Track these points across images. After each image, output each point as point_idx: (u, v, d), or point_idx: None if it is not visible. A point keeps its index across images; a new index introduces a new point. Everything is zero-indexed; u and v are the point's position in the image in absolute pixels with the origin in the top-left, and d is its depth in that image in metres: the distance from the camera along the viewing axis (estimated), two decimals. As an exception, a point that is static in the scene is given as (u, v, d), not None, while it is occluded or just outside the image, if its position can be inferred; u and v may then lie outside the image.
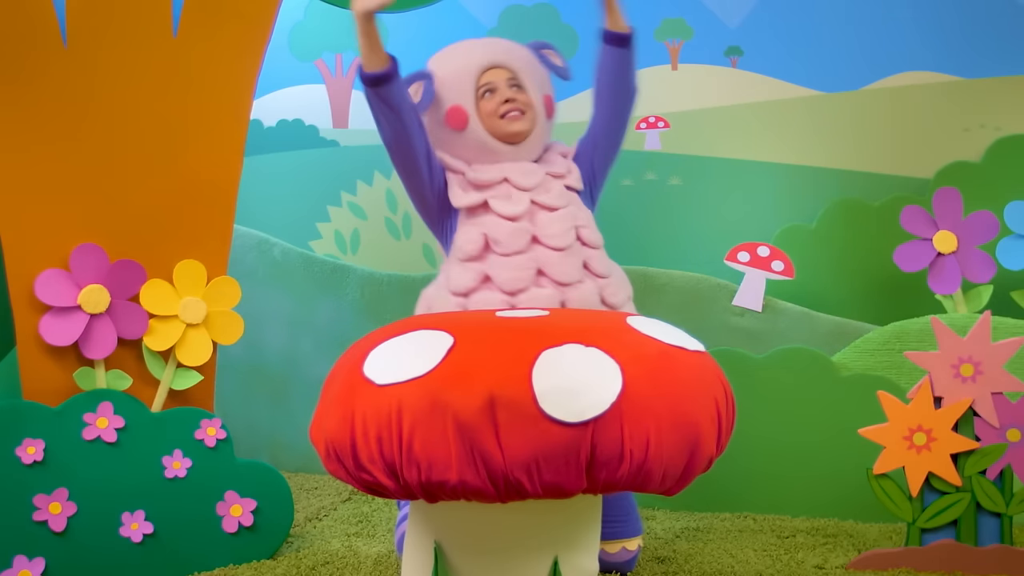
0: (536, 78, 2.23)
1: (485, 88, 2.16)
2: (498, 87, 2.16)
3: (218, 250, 2.35)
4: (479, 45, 2.27)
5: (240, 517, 2.25)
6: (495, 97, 2.16)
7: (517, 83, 2.18)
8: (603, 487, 1.51)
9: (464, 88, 2.16)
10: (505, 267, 2.05)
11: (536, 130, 2.19)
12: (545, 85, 2.25)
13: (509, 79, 2.17)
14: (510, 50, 2.24)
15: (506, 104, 2.15)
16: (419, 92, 2.18)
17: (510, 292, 2.04)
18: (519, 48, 2.27)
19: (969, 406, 2.11)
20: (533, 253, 2.06)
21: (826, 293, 3.03)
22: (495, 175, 2.14)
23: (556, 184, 2.15)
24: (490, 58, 2.19)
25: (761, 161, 3.19)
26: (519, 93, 2.17)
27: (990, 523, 2.13)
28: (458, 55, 2.23)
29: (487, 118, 2.15)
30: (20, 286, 2.18)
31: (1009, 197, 2.77)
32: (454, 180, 2.15)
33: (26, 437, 2.10)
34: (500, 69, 2.18)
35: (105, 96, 2.23)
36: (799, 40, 3.18)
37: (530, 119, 2.17)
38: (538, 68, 2.26)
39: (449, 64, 2.21)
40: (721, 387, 1.63)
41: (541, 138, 2.22)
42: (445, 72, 2.19)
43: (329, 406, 1.59)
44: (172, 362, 2.29)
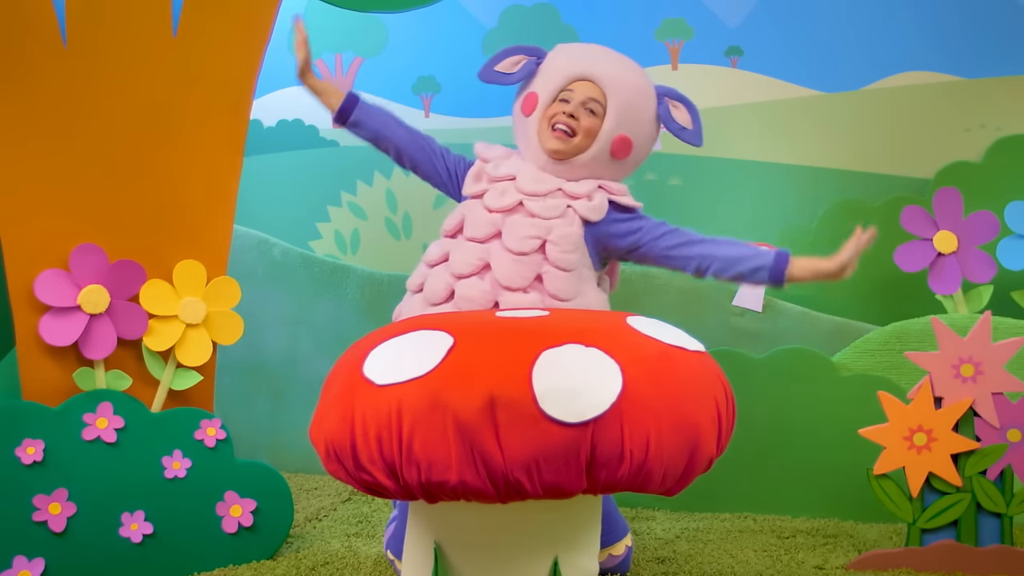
0: (626, 113, 2.11)
1: (565, 95, 2.13)
2: (573, 100, 2.11)
3: (218, 250, 2.34)
4: (597, 54, 2.19)
5: (240, 517, 2.24)
6: (563, 107, 2.11)
7: (597, 106, 2.10)
8: (603, 487, 1.51)
9: (550, 83, 2.15)
10: (462, 250, 2.06)
11: (581, 158, 2.11)
12: (634, 125, 2.13)
13: (589, 99, 2.10)
14: (621, 75, 2.14)
15: (563, 116, 2.10)
16: (518, 64, 2.18)
17: (456, 275, 2.05)
18: (638, 79, 2.16)
19: (969, 406, 2.11)
20: (488, 246, 2.05)
21: (826, 293, 3.03)
22: (507, 171, 2.13)
23: (559, 200, 2.08)
24: (591, 70, 2.13)
25: (761, 161, 3.19)
26: (588, 117, 2.10)
27: (990, 523, 2.13)
28: (575, 54, 2.19)
29: (544, 120, 2.13)
30: (20, 286, 2.18)
31: (1009, 197, 2.77)
32: (474, 169, 2.17)
33: (26, 437, 2.10)
34: (592, 85, 2.12)
35: (105, 96, 2.23)
36: (799, 40, 3.18)
37: (576, 145, 2.10)
38: (640, 106, 2.14)
39: (561, 57, 2.19)
40: (721, 387, 1.63)
41: (584, 168, 2.13)
42: (555, 60, 2.18)
43: (329, 406, 1.59)
44: (172, 362, 2.29)
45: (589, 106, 2.10)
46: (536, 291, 2.03)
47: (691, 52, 3.23)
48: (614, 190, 2.14)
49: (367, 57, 3.43)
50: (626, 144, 2.13)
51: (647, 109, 2.15)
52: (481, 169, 2.17)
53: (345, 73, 3.45)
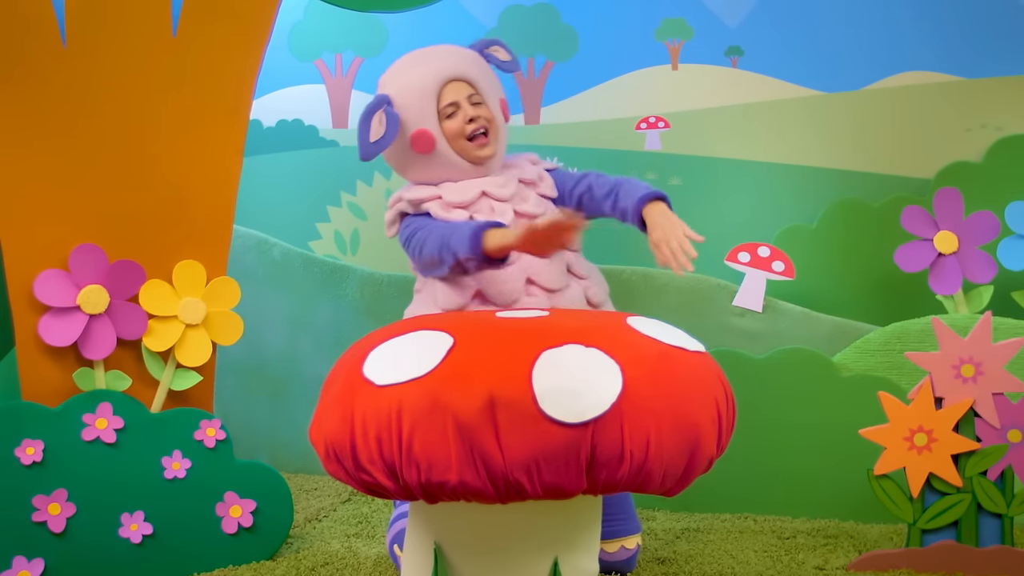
0: (491, 84, 2.22)
1: (448, 109, 2.14)
2: (460, 105, 2.14)
3: (217, 250, 2.34)
4: (432, 58, 2.20)
5: (240, 518, 2.24)
6: (458, 117, 2.14)
7: (476, 96, 2.17)
8: (603, 488, 1.51)
9: (426, 110, 2.14)
10: (496, 280, 2.06)
11: (499, 145, 2.20)
12: (496, 88, 2.24)
13: (469, 95, 2.16)
14: (463, 59, 2.20)
15: (471, 124, 2.13)
16: (382, 121, 2.11)
17: (503, 305, 2.07)
18: (469, 54, 2.24)
19: (970, 407, 2.11)
20: (521, 263, 2.06)
21: (826, 294, 3.02)
22: (473, 191, 2.14)
23: (531, 192, 2.17)
24: (447, 71, 2.15)
25: (761, 161, 3.18)
26: (481, 109, 2.16)
27: (991, 524, 2.12)
28: (413, 71, 2.17)
29: (453, 140, 2.15)
30: (19, 286, 2.18)
31: (1010, 197, 2.77)
32: (435, 206, 2.14)
33: (25, 438, 2.10)
34: (459, 83, 2.16)
35: (104, 96, 2.23)
36: (799, 40, 3.17)
37: (494, 138, 2.17)
38: (487, 71, 2.24)
39: (406, 83, 2.16)
40: (721, 388, 1.63)
41: (503, 150, 2.23)
42: (403, 93, 2.15)
43: (329, 406, 1.59)
44: (171, 363, 2.29)
45: (473, 100, 2.16)
46: (573, 280, 2.13)
47: (691, 52, 3.23)
48: (537, 159, 2.28)
49: (367, 57, 3.43)
50: (505, 105, 2.26)
51: (488, 68, 2.25)
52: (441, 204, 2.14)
53: (345, 73, 3.44)
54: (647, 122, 3.24)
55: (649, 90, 3.25)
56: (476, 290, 2.08)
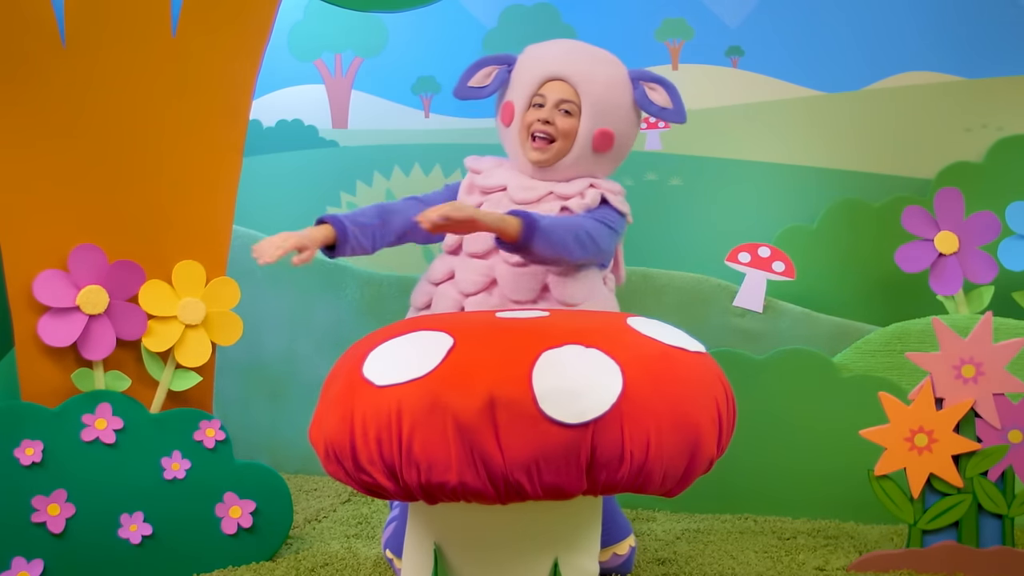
0: (602, 108, 2.10)
1: (539, 99, 2.12)
2: (546, 103, 2.11)
3: (217, 250, 2.34)
4: (564, 51, 2.17)
5: (239, 519, 2.24)
6: (538, 113, 2.11)
7: (571, 105, 2.10)
8: (603, 488, 1.51)
9: (523, 90, 2.14)
10: (467, 268, 2.06)
11: (565, 160, 2.11)
12: (612, 117, 2.11)
13: (561, 99, 2.10)
14: (592, 70, 2.12)
15: (539, 124, 2.10)
16: (490, 76, 2.17)
17: (464, 292, 2.06)
18: (610, 71, 2.14)
19: (970, 407, 2.11)
20: (491, 262, 2.05)
21: (827, 294, 3.02)
22: (497, 181, 2.14)
23: (552, 204, 2.08)
24: (560, 69, 2.11)
25: (762, 161, 3.18)
26: (564, 118, 2.09)
27: (991, 524, 2.12)
28: (540, 54, 2.18)
29: (523, 129, 2.13)
30: (18, 287, 2.17)
31: (1011, 198, 2.77)
32: (465, 182, 2.18)
33: (24, 438, 2.10)
34: (562, 83, 2.10)
35: (104, 96, 2.23)
36: (800, 40, 3.17)
37: (556, 150, 2.10)
38: (616, 97, 2.12)
39: (529, 60, 2.18)
40: (722, 388, 1.63)
41: (571, 168, 2.13)
42: (522, 66, 2.17)
43: (328, 407, 1.59)
44: (171, 363, 2.28)
45: (563, 107, 2.10)
46: (544, 301, 2.04)
47: (692, 52, 3.22)
48: (606, 187, 2.13)
49: (367, 57, 3.43)
50: (607, 137, 2.12)
51: (623, 97, 2.14)
52: (472, 181, 2.17)
53: (344, 73, 3.44)
54: (647, 122, 3.24)
55: (649, 90, 3.24)
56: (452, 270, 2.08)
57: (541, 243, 1.90)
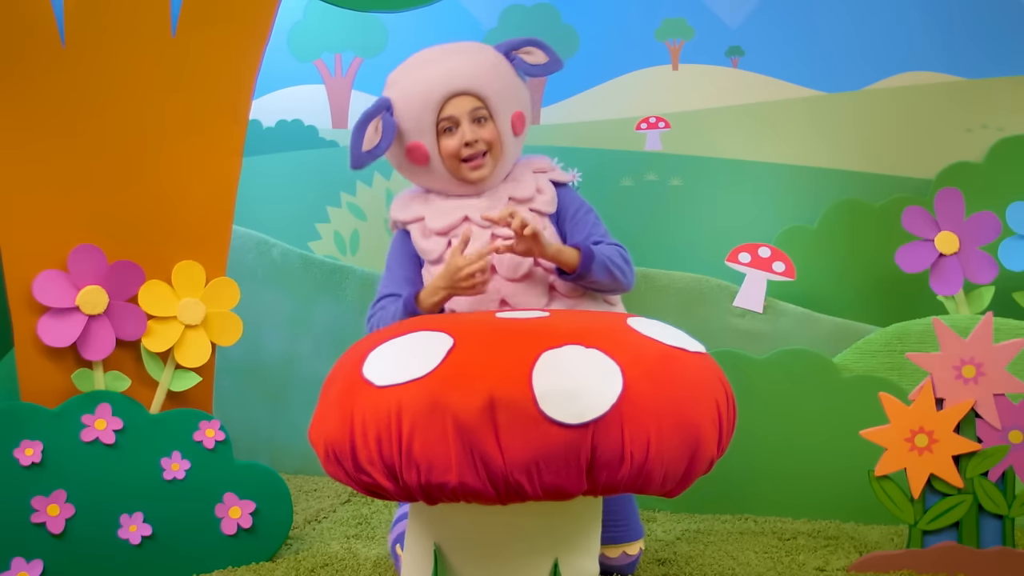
0: (506, 96, 2.10)
1: (446, 123, 2.06)
2: (460, 122, 2.06)
3: (217, 251, 2.34)
4: (440, 64, 2.09)
5: (239, 519, 2.24)
6: (455, 137, 2.06)
7: (481, 111, 2.07)
8: (603, 489, 1.51)
9: (424, 123, 2.06)
10: (469, 304, 2.03)
11: (499, 165, 2.12)
12: (514, 99, 2.12)
13: (473, 110, 2.06)
14: (475, 67, 2.08)
15: (467, 148, 2.05)
16: (378, 129, 2.07)
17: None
18: (488, 59, 2.12)
19: (971, 408, 2.10)
20: (495, 285, 2.03)
21: (827, 294, 3.02)
22: (455, 217, 2.09)
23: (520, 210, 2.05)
24: (451, 84, 2.05)
25: (762, 162, 3.18)
26: (482, 128, 2.07)
27: (992, 525, 2.12)
28: (419, 78, 2.08)
29: (449, 159, 2.08)
30: (18, 287, 2.17)
31: (1011, 198, 2.76)
32: (415, 230, 2.12)
33: (24, 439, 2.10)
34: (464, 97, 2.06)
35: (103, 96, 2.23)
36: (800, 40, 3.17)
37: (492, 160, 2.09)
38: (508, 80, 2.12)
39: (409, 91, 2.08)
40: (722, 388, 1.63)
41: (506, 167, 2.14)
42: (404, 102, 2.08)
43: (328, 407, 1.59)
44: (171, 363, 2.28)
45: (476, 117, 2.07)
46: (556, 301, 2.05)
47: (692, 52, 3.22)
48: (544, 167, 2.17)
49: (367, 57, 3.42)
50: (521, 118, 2.14)
51: (510, 75, 2.13)
52: (422, 228, 2.12)
53: (345, 73, 3.44)
54: (647, 122, 3.24)
55: (649, 90, 3.24)
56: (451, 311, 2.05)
57: (598, 269, 1.97)
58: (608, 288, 2.05)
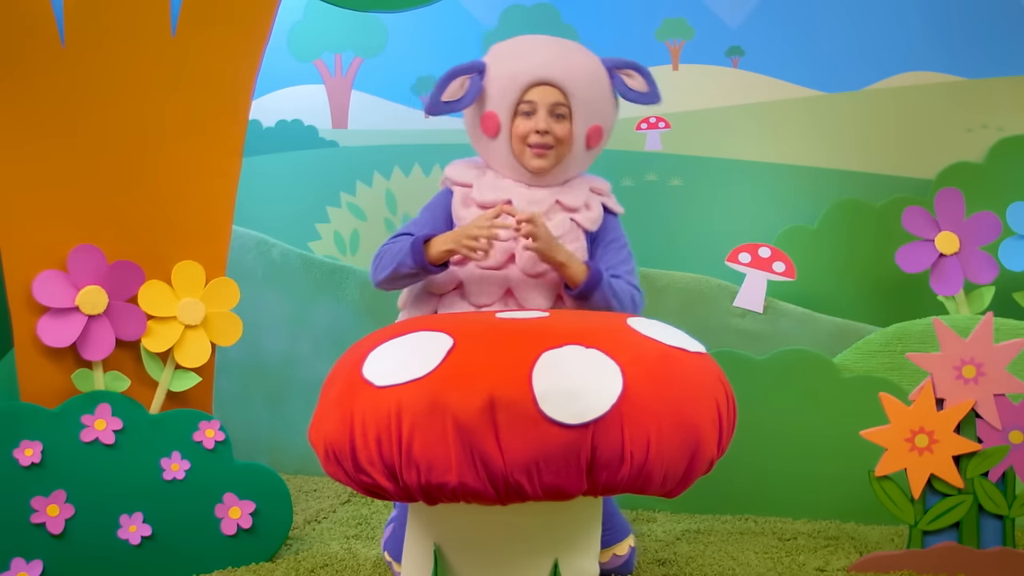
0: (591, 105, 2.09)
1: (526, 107, 2.07)
2: (538, 110, 2.06)
3: (217, 251, 2.34)
4: (540, 51, 2.10)
5: (239, 519, 2.23)
6: (531, 121, 2.06)
7: (562, 108, 2.07)
8: (604, 489, 1.51)
9: (506, 98, 2.07)
10: (477, 279, 2.04)
11: (562, 165, 2.10)
12: (600, 112, 2.11)
13: (554, 104, 2.06)
14: (572, 66, 2.09)
15: (536, 136, 2.05)
16: (464, 86, 2.08)
17: (476, 304, 2.04)
18: (589, 64, 2.11)
19: (971, 408, 2.10)
20: (506, 272, 2.03)
21: (827, 294, 3.02)
22: (500, 196, 2.09)
23: (561, 216, 2.07)
24: (544, 72, 2.06)
25: (762, 162, 3.18)
26: (558, 123, 2.06)
27: (992, 525, 2.12)
28: (516, 57, 2.10)
29: (516, 140, 2.08)
30: (18, 287, 2.17)
31: (1011, 198, 2.77)
32: (458, 197, 2.12)
33: (24, 439, 2.09)
34: (549, 88, 2.06)
35: (103, 96, 2.22)
36: (800, 40, 3.17)
37: (556, 155, 2.08)
38: (601, 93, 2.11)
39: (504, 65, 2.10)
40: (722, 389, 1.62)
41: (568, 170, 2.13)
42: (498, 72, 2.09)
43: (328, 408, 1.59)
44: (170, 363, 2.28)
45: (556, 112, 2.07)
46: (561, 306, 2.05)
47: (692, 52, 3.22)
48: (602, 190, 2.17)
49: (367, 57, 3.42)
50: (598, 133, 2.12)
51: (604, 90, 2.12)
52: (466, 194, 2.12)
53: (344, 73, 3.44)
54: (647, 122, 3.24)
55: (649, 90, 3.24)
56: (458, 280, 2.05)
57: (599, 296, 1.98)
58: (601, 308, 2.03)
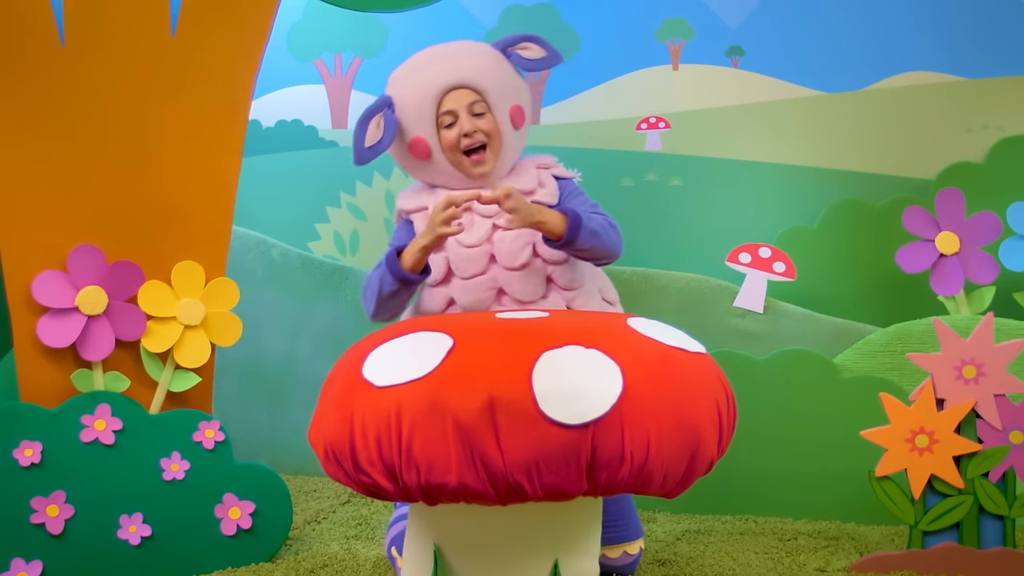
0: (503, 89, 2.14)
1: (446, 118, 2.10)
2: (459, 115, 2.10)
3: (216, 251, 2.34)
4: (439, 61, 2.15)
5: (238, 520, 2.23)
6: (455, 129, 2.10)
7: (479, 105, 2.11)
8: (604, 489, 1.51)
9: (424, 117, 2.11)
10: (466, 290, 2.05)
11: (500, 158, 2.14)
12: (514, 92, 2.17)
13: (471, 104, 2.10)
14: (472, 63, 2.14)
15: (466, 139, 2.09)
16: (380, 125, 2.11)
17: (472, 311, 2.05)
18: (484, 55, 2.17)
19: (972, 408, 2.10)
20: (492, 273, 2.05)
21: (828, 294, 3.02)
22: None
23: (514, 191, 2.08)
24: (449, 78, 2.10)
25: (762, 162, 3.18)
26: (480, 120, 2.11)
27: (993, 526, 2.12)
28: (418, 76, 2.14)
29: (449, 151, 2.11)
30: (17, 287, 2.17)
31: (1012, 198, 2.76)
32: (419, 220, 2.13)
33: (23, 439, 2.10)
34: (461, 91, 2.11)
35: (103, 96, 2.22)
36: (801, 40, 3.17)
37: (493, 153, 2.12)
38: (506, 75, 2.17)
39: (409, 87, 2.13)
40: (722, 389, 1.62)
41: (507, 160, 2.17)
42: (405, 98, 2.13)
43: (328, 408, 1.59)
44: (170, 364, 2.28)
45: (474, 111, 2.11)
46: (553, 292, 2.07)
47: (692, 52, 3.22)
48: (547, 164, 2.20)
49: (367, 57, 3.42)
50: (520, 111, 2.17)
51: (507, 70, 2.17)
52: (424, 218, 2.11)
53: (344, 73, 3.44)
54: (647, 122, 3.23)
55: (649, 90, 3.24)
56: (450, 298, 2.06)
57: (585, 234, 1.96)
58: (598, 255, 2.04)
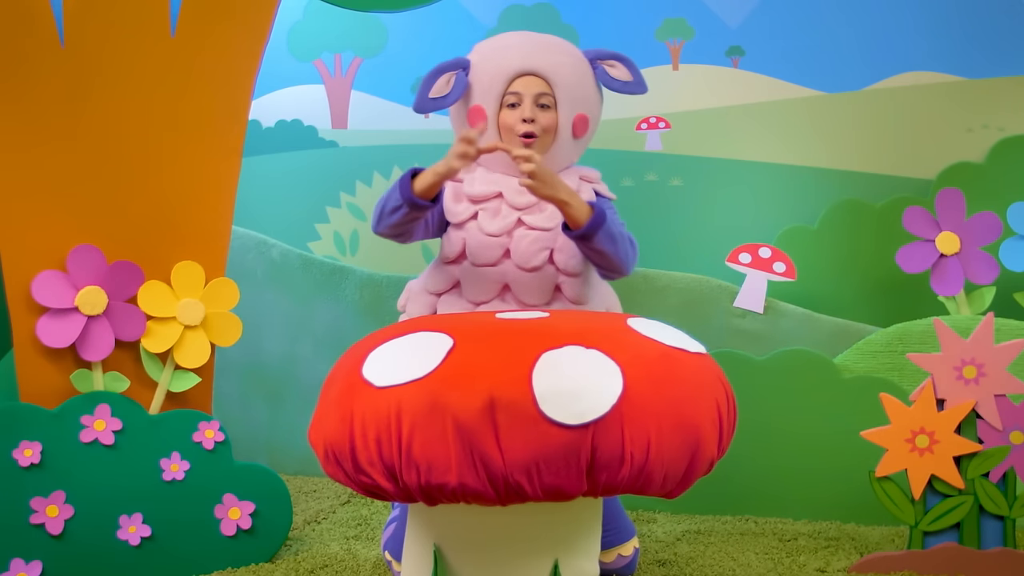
0: (574, 93, 2.12)
1: (512, 98, 2.10)
2: (523, 101, 2.09)
3: (216, 251, 2.34)
4: (523, 44, 2.15)
5: (238, 520, 2.23)
6: (517, 112, 2.09)
7: (547, 98, 2.10)
8: (604, 490, 1.50)
9: (491, 91, 2.11)
10: (474, 277, 2.05)
11: (549, 155, 2.11)
12: (585, 102, 2.15)
13: (539, 94, 2.09)
14: (555, 57, 2.13)
15: (523, 124, 2.08)
16: (450, 82, 2.12)
17: (473, 301, 2.06)
18: (569, 55, 2.16)
19: (972, 408, 2.10)
20: (503, 268, 2.05)
21: (828, 295, 3.02)
22: (490, 189, 2.10)
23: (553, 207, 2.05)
24: (526, 64, 2.10)
25: (762, 162, 3.18)
26: (543, 113, 2.10)
27: (993, 526, 2.12)
28: (499, 52, 2.15)
29: (504, 131, 2.11)
30: (17, 287, 2.17)
31: (1012, 198, 2.76)
32: (449, 189, 2.12)
33: (23, 439, 2.09)
34: (534, 78, 2.10)
35: (103, 96, 2.22)
36: (801, 40, 3.17)
37: (542, 145, 2.10)
38: (584, 82, 2.15)
39: (488, 59, 2.14)
40: (722, 389, 1.62)
41: (556, 160, 2.13)
42: (482, 67, 2.13)
43: (328, 408, 1.58)
44: (170, 364, 2.28)
45: (540, 102, 2.10)
46: (558, 301, 2.06)
47: (692, 52, 3.22)
48: (592, 178, 2.18)
49: (367, 57, 3.42)
50: (584, 121, 2.15)
51: (588, 79, 2.16)
52: (457, 189, 2.12)
53: (344, 73, 3.44)
54: (647, 122, 3.23)
55: (649, 90, 3.23)
56: (456, 280, 2.07)
57: (603, 236, 1.94)
58: (609, 263, 2.01)
